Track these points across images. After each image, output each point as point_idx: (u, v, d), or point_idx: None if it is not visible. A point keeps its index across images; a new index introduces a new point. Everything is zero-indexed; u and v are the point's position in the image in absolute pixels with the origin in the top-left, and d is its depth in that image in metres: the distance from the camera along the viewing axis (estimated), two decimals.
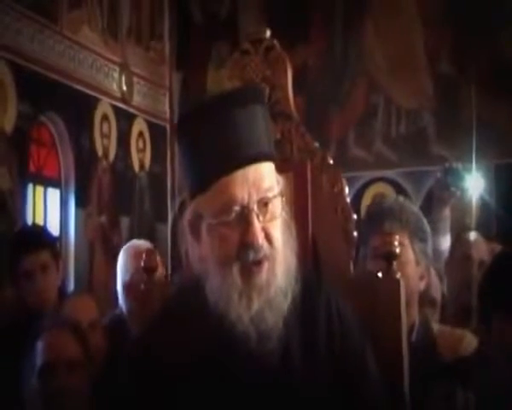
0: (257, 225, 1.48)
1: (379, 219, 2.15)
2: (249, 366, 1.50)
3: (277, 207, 1.52)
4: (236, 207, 1.47)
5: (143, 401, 1.53)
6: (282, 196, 1.54)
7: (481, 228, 4.00)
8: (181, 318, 1.56)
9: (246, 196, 1.47)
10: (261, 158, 1.51)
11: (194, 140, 1.52)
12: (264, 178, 1.50)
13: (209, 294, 1.52)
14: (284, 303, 1.51)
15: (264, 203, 1.50)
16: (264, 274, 1.49)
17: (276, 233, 1.51)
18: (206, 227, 1.51)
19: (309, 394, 1.52)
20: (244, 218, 1.47)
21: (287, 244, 1.54)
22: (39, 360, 2.18)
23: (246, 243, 1.47)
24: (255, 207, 1.48)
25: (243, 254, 1.48)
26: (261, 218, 1.49)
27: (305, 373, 1.53)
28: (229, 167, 1.48)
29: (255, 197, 1.48)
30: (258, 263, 1.48)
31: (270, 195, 1.50)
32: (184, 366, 1.51)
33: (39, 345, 2.20)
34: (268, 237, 1.50)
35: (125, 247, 3.15)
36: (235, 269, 1.48)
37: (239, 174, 1.48)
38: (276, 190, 1.52)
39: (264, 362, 1.50)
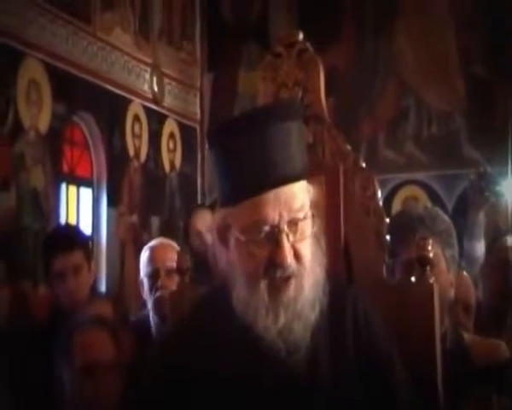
0: (286, 245, 1.48)
1: (409, 230, 2.11)
2: (277, 375, 1.50)
3: (308, 226, 1.52)
4: (266, 228, 1.47)
5: (165, 407, 1.53)
6: (313, 216, 1.53)
7: None
8: (207, 323, 1.57)
9: (277, 217, 1.47)
10: (294, 178, 1.51)
11: (228, 153, 1.52)
12: (296, 198, 1.50)
13: (235, 303, 1.53)
14: (312, 315, 1.52)
15: (294, 223, 1.49)
16: (291, 291, 1.49)
17: (305, 252, 1.51)
18: (235, 240, 1.51)
19: (338, 402, 1.52)
20: (274, 238, 1.47)
21: (315, 258, 1.54)
22: (78, 360, 2.18)
23: (275, 262, 1.48)
24: (285, 227, 1.48)
25: (271, 272, 1.48)
26: (291, 237, 1.49)
27: (333, 382, 1.53)
28: (263, 187, 1.47)
29: (286, 218, 1.48)
30: (286, 280, 1.49)
31: (300, 215, 1.50)
32: (210, 372, 1.51)
33: (77, 344, 2.19)
34: (297, 256, 1.50)
35: (149, 244, 3.15)
36: (263, 285, 1.48)
37: (271, 194, 1.47)
38: (307, 208, 1.51)
39: (293, 372, 1.50)
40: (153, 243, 3.16)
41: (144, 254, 3.08)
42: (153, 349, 1.71)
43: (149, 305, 3.00)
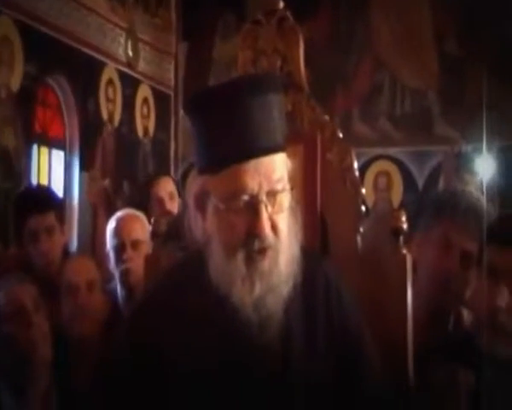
0: (265, 216, 1.48)
1: (458, 211, 2.05)
2: (250, 349, 1.50)
3: (286, 199, 1.52)
4: (245, 197, 1.47)
5: (138, 376, 1.52)
6: (291, 189, 1.53)
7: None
8: (180, 293, 1.56)
9: (256, 187, 1.47)
10: (274, 149, 1.51)
11: (208, 122, 1.51)
12: (276, 170, 1.50)
13: (212, 271, 1.53)
14: (285, 289, 1.52)
15: (273, 194, 1.49)
16: (266, 262, 1.50)
17: (282, 225, 1.51)
18: (213, 208, 1.51)
19: (309, 378, 1.53)
20: (253, 207, 1.47)
21: (291, 233, 1.54)
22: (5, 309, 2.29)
23: (253, 233, 1.48)
24: (264, 198, 1.48)
25: (249, 243, 1.48)
26: (269, 208, 1.49)
27: (305, 355, 1.54)
28: (243, 157, 1.47)
29: (265, 188, 1.48)
30: (262, 251, 1.49)
31: (279, 187, 1.50)
32: (180, 345, 1.51)
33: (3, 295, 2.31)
34: (274, 228, 1.50)
35: (115, 215, 3.09)
36: (240, 256, 1.48)
37: (251, 164, 1.47)
38: (286, 181, 1.51)
39: (265, 346, 1.50)
40: (118, 214, 3.07)
41: (110, 226, 3.00)
42: (123, 320, 1.70)
43: (116, 277, 2.98)
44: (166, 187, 4.00)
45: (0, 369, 2.26)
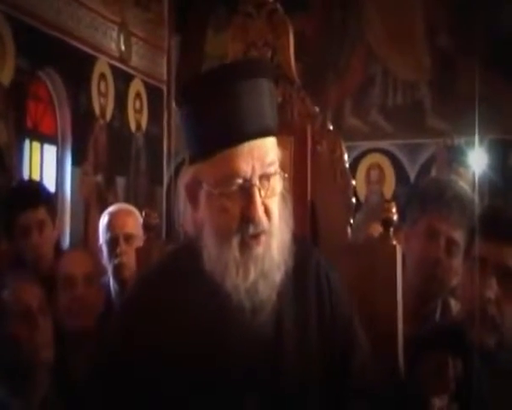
0: (258, 200, 1.48)
1: (442, 200, 2.06)
2: (242, 336, 1.51)
3: (278, 183, 1.53)
4: (239, 181, 1.48)
5: (132, 367, 1.53)
6: (284, 174, 1.54)
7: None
8: (175, 279, 1.57)
9: (249, 171, 1.48)
10: (266, 133, 1.52)
11: (199, 107, 1.51)
12: (268, 154, 1.51)
13: (206, 261, 1.53)
14: (277, 275, 1.53)
15: (265, 178, 1.50)
16: (261, 247, 1.50)
17: (274, 209, 1.52)
18: (206, 195, 1.51)
19: (301, 364, 1.54)
20: (246, 191, 1.48)
21: (282, 218, 1.54)
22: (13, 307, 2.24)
23: (247, 217, 1.48)
24: (257, 182, 1.48)
25: (243, 228, 1.48)
26: (262, 193, 1.49)
27: (297, 344, 1.55)
28: (235, 140, 1.48)
29: (258, 172, 1.48)
30: (256, 236, 1.49)
31: (272, 170, 1.51)
32: (176, 328, 1.52)
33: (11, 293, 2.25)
34: (267, 212, 1.50)
35: (108, 209, 3.09)
36: (235, 242, 1.49)
37: (244, 148, 1.48)
38: (277, 165, 1.52)
39: (257, 333, 1.51)
40: (111, 208, 3.07)
41: (103, 221, 3.00)
42: (115, 312, 1.70)
43: (109, 271, 2.97)
44: None
45: (1, 369, 2.23)
